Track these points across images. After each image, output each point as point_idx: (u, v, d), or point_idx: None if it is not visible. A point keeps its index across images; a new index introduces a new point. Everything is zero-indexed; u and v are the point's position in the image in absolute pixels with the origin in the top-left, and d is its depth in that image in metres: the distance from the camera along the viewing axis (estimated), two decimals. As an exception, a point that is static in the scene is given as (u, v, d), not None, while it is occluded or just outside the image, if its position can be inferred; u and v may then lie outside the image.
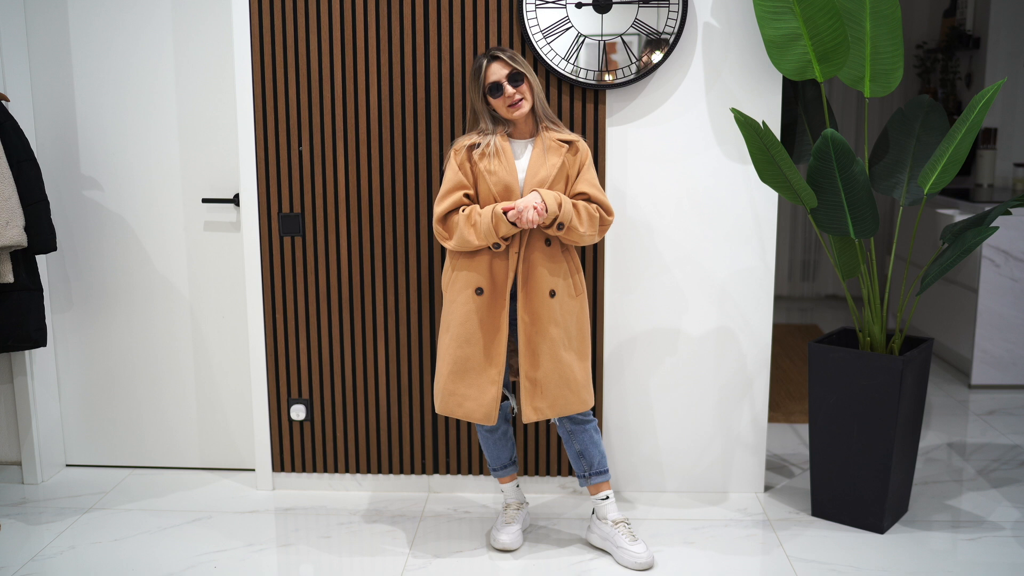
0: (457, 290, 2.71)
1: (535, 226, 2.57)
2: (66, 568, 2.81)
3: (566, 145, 2.69)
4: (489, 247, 2.63)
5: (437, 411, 2.79)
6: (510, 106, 2.64)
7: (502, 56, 2.64)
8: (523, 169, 2.68)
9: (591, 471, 2.84)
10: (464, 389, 2.71)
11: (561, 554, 2.87)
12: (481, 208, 2.64)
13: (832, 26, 2.76)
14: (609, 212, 2.71)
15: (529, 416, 2.69)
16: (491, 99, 2.65)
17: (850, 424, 2.97)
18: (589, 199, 2.69)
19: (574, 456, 2.85)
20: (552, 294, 2.68)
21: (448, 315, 2.74)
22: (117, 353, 3.49)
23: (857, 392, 2.94)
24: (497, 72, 2.63)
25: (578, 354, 2.74)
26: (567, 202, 2.61)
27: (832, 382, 2.99)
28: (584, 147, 2.72)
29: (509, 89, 2.63)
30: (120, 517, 3.16)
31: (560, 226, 2.61)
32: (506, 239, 2.62)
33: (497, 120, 2.70)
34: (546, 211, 2.56)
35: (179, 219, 3.39)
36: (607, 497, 2.85)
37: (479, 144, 2.67)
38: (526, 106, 2.65)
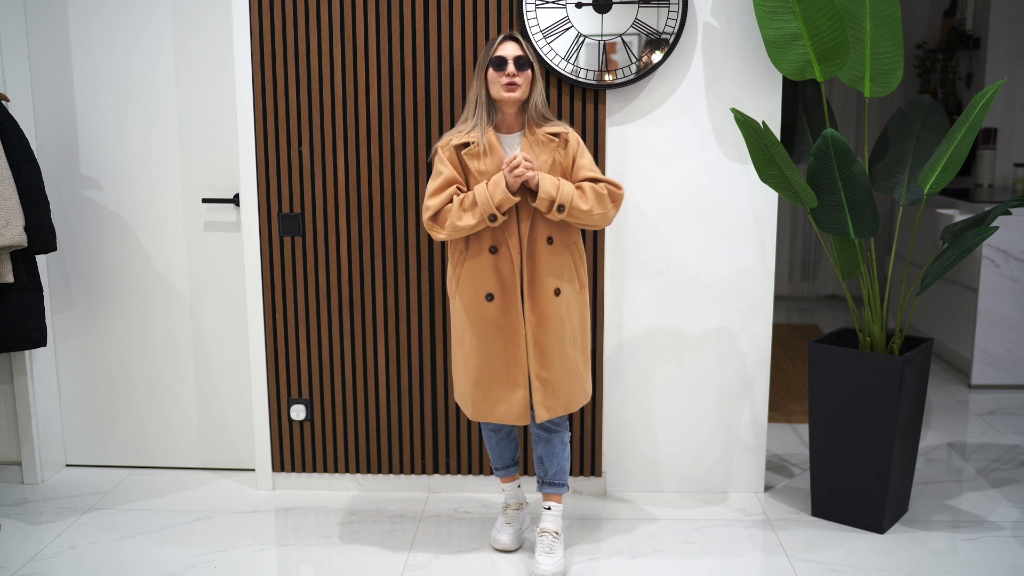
0: (467, 297, 2.70)
1: (525, 177, 2.53)
2: (66, 568, 2.81)
3: (555, 139, 2.66)
4: (487, 220, 2.58)
5: (471, 419, 2.81)
6: (506, 84, 2.60)
7: (519, 39, 2.65)
8: None
9: (544, 479, 2.86)
10: (495, 395, 2.72)
11: (561, 554, 2.88)
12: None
13: (832, 26, 2.76)
14: (618, 186, 2.67)
15: (542, 416, 2.71)
16: (491, 70, 2.62)
17: (850, 424, 2.97)
18: (596, 180, 2.67)
19: (536, 458, 2.87)
20: (557, 293, 2.68)
21: (462, 323, 2.73)
22: (117, 353, 3.49)
23: (857, 392, 2.94)
24: (508, 49, 2.62)
25: (581, 348, 2.77)
26: (566, 185, 2.58)
27: (832, 382, 2.99)
28: (573, 137, 2.69)
29: (511, 68, 2.60)
30: (120, 517, 3.16)
31: (561, 208, 2.57)
32: (504, 213, 2.58)
33: (488, 108, 2.65)
34: (534, 170, 2.53)
35: (179, 219, 3.39)
36: (549, 508, 2.86)
37: (468, 144, 2.64)
38: (519, 93, 2.61)
